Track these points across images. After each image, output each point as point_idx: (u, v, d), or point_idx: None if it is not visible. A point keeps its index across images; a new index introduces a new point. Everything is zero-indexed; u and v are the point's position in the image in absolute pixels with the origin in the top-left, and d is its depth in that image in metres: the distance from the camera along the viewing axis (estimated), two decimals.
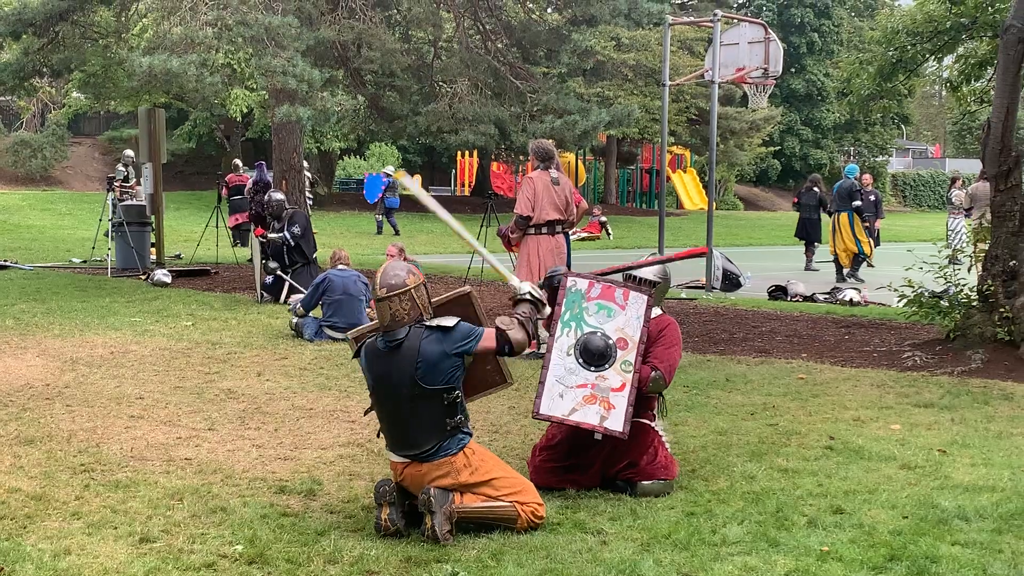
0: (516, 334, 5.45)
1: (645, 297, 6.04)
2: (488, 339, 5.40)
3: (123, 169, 22.53)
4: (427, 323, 5.33)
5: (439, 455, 5.25)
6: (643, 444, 5.97)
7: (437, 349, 5.24)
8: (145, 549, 4.94)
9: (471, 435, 5.40)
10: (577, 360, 5.92)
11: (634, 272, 6.37)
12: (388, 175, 31.14)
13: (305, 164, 30.32)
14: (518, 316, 5.56)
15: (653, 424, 6.15)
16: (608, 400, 5.85)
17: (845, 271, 19.52)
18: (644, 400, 6.06)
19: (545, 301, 5.85)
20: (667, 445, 6.17)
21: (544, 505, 5.40)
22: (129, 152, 25.13)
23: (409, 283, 5.33)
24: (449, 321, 5.34)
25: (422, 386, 5.21)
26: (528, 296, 5.70)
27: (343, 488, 5.95)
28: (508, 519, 5.24)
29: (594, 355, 5.92)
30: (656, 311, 6.14)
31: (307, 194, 28.70)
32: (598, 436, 5.85)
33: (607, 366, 5.90)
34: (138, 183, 21.15)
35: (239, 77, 28.05)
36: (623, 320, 5.98)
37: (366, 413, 5.69)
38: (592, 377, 5.89)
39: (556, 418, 5.91)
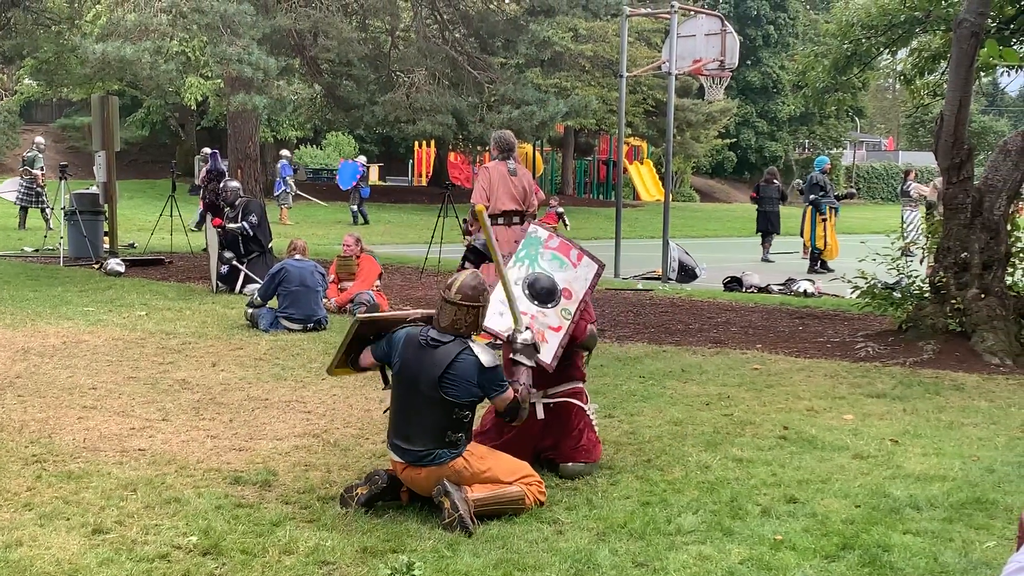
0: (523, 413, 5.62)
1: (596, 266, 6.30)
2: (506, 398, 5.49)
3: (40, 156, 22.55)
4: (472, 344, 5.39)
5: (430, 461, 5.30)
6: (569, 426, 6.17)
7: (469, 373, 5.30)
8: (98, 540, 4.89)
9: (465, 449, 5.43)
10: (523, 291, 6.07)
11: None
12: (364, 165, 31.10)
13: (289, 153, 30.65)
14: (521, 386, 5.67)
15: (583, 406, 6.29)
16: (544, 334, 5.98)
17: (828, 262, 19.58)
18: (572, 370, 6.23)
19: (539, 348, 5.89)
20: (595, 428, 6.31)
21: (544, 482, 5.58)
22: (40, 139, 25.03)
23: (481, 301, 5.44)
24: (491, 359, 5.36)
25: (441, 393, 5.28)
26: (523, 345, 5.76)
27: (298, 479, 5.92)
28: (518, 501, 5.33)
29: (541, 292, 6.10)
30: None
31: (290, 183, 29.10)
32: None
33: (550, 306, 6.07)
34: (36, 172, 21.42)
35: (194, 65, 27.81)
36: (572, 276, 6.20)
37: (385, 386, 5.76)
38: (534, 309, 6.03)
39: (492, 331, 6.01)
